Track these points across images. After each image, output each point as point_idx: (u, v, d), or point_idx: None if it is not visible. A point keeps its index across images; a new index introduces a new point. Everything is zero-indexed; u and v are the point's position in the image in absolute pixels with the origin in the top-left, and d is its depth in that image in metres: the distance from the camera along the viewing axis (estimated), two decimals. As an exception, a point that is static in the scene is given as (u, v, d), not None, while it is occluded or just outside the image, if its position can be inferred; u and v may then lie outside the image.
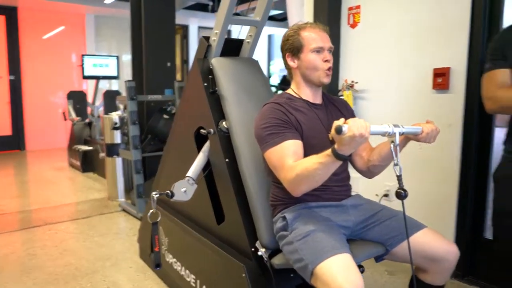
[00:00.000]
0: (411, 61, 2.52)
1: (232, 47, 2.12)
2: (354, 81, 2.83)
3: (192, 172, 1.91)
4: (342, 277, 1.22)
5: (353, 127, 1.16)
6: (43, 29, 7.75)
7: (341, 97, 2.13)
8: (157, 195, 1.84)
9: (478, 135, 2.27)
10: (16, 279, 2.48)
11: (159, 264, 1.84)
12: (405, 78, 2.56)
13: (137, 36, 4.30)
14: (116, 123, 4.09)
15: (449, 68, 2.32)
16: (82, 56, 6.04)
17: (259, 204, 1.71)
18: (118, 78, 6.38)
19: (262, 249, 1.63)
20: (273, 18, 8.38)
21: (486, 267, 2.29)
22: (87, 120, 6.19)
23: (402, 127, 1.30)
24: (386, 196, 2.63)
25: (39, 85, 7.68)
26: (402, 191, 1.20)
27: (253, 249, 1.69)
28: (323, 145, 1.39)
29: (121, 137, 4.08)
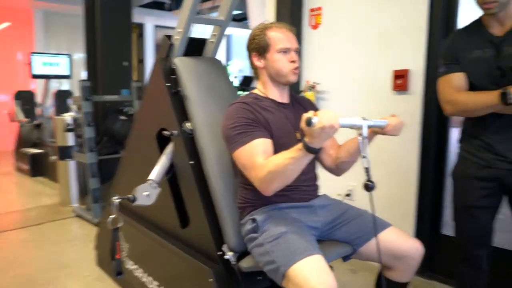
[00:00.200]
0: (372, 63, 2.58)
1: (195, 47, 2.07)
2: (316, 82, 2.86)
3: (154, 175, 1.85)
4: (315, 278, 1.22)
5: (323, 118, 1.17)
6: (-14, 25, 7.29)
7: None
8: (118, 200, 1.76)
9: (436, 135, 2.35)
10: (-40, 294, 2.30)
11: (121, 272, 1.77)
12: (366, 79, 2.61)
13: (90, 33, 4.13)
14: (69, 124, 3.89)
15: (408, 70, 2.39)
16: (31, 54, 5.71)
17: (226, 207, 1.69)
18: (70, 77, 6.11)
19: (230, 253, 1.60)
20: (232, 18, 8.33)
21: (444, 263, 2.39)
22: (36, 121, 5.87)
23: (370, 120, 1.33)
24: (348, 196, 2.67)
25: (-18, 84, 7.20)
26: (370, 183, 1.22)
27: (219, 252, 1.66)
28: (291, 144, 1.37)
29: (75, 139, 3.89)
